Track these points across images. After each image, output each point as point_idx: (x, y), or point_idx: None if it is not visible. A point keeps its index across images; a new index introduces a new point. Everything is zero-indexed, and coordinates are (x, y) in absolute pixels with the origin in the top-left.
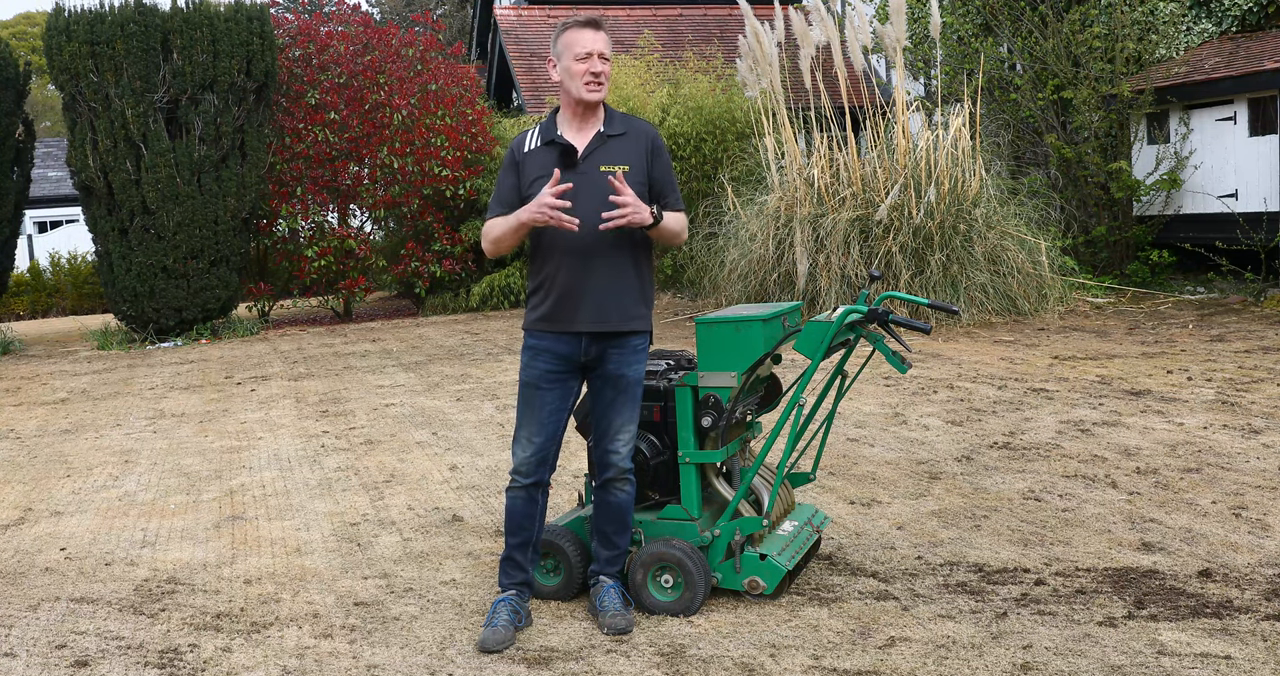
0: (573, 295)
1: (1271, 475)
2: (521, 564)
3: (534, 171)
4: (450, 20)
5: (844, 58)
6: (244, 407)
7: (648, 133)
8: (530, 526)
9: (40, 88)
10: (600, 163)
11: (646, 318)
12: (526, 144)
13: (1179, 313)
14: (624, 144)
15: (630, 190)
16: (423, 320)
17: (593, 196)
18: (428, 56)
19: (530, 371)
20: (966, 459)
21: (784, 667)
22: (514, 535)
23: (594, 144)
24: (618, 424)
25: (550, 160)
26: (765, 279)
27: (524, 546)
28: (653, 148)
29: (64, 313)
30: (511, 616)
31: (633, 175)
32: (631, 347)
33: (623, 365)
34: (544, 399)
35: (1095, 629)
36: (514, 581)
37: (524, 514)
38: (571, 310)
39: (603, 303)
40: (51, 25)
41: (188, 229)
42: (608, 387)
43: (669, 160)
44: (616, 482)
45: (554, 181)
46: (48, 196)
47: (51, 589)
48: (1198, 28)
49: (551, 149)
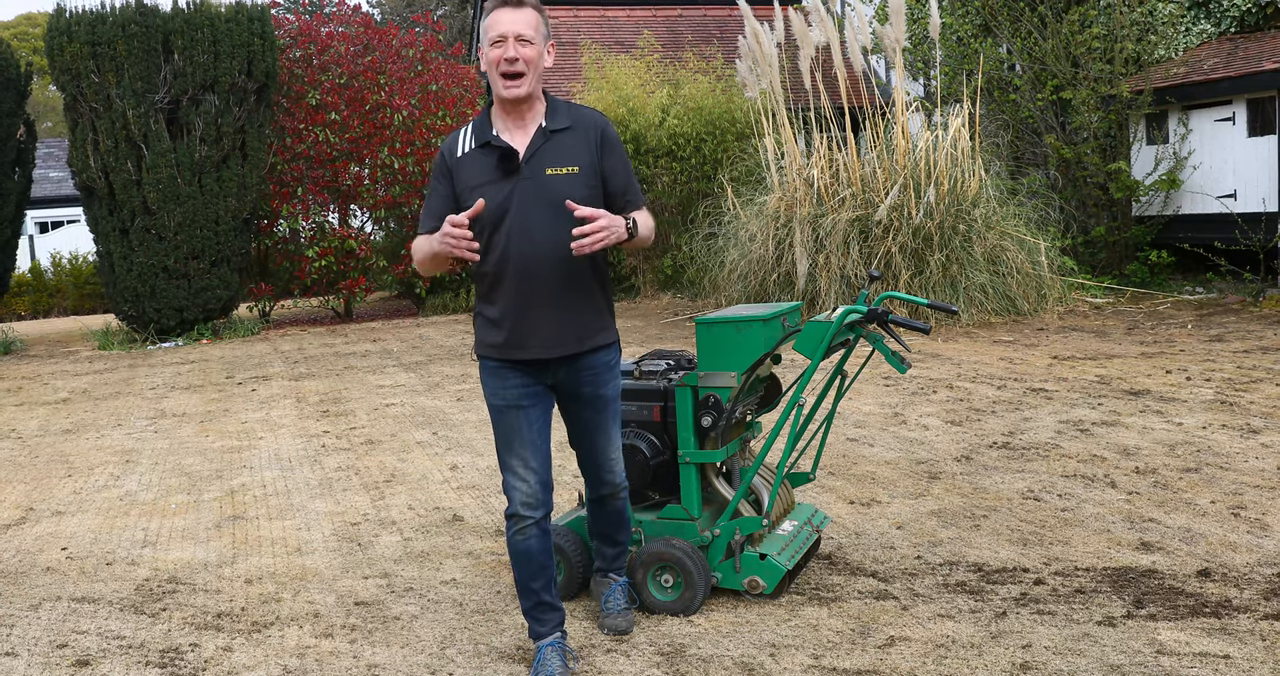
0: (527, 317)
1: (1270, 475)
2: (552, 604)
3: (469, 179)
4: (450, 21)
5: (844, 58)
6: (245, 407)
7: (596, 123)
8: (550, 563)
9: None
10: (546, 165)
11: (610, 328)
12: (459, 146)
13: (1178, 313)
14: (570, 139)
15: (599, 211)
16: (423, 320)
17: (541, 204)
18: (428, 57)
19: (504, 394)
20: (966, 459)
21: (784, 667)
22: (536, 578)
23: (536, 142)
24: (602, 444)
25: (487, 165)
26: (765, 279)
27: (549, 586)
28: (603, 140)
29: (65, 313)
30: (563, 661)
31: (583, 177)
32: (604, 365)
33: (598, 385)
34: (528, 417)
35: (1094, 628)
36: (552, 624)
37: (541, 551)
38: (527, 334)
39: (561, 323)
40: (53, 26)
41: (189, 229)
42: (585, 409)
43: (624, 151)
44: (611, 497)
45: (476, 209)
46: (49, 197)
47: (53, 588)
48: (1196, 28)
49: (488, 152)
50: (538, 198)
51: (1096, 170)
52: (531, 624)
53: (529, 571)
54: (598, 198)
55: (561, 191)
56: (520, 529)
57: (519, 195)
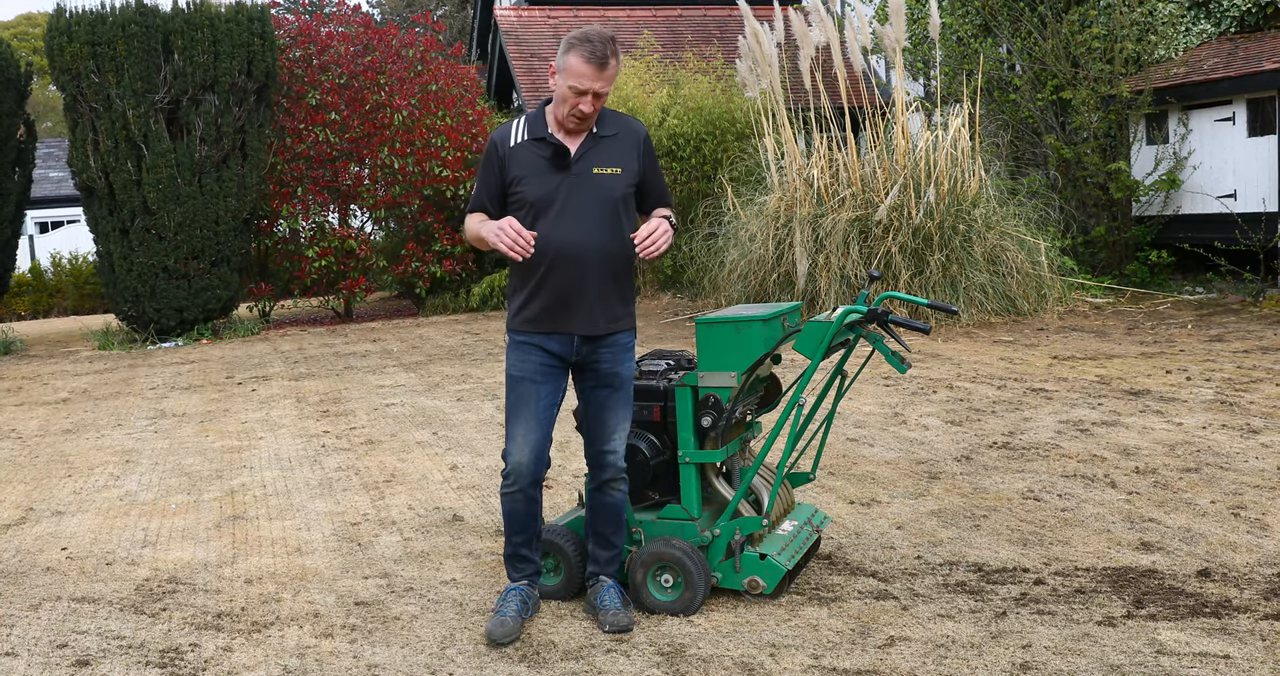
0: (565, 301)
1: (1270, 475)
2: (529, 557)
3: (519, 169)
4: (450, 21)
5: (844, 58)
6: (245, 407)
7: (639, 132)
8: (533, 524)
9: (41, 88)
10: (593, 164)
11: (631, 316)
12: (512, 137)
13: (1178, 313)
14: (615, 145)
15: (652, 225)
16: (423, 320)
17: (587, 198)
18: (428, 57)
19: (523, 366)
20: (966, 459)
21: (784, 667)
22: (518, 534)
23: (586, 145)
24: (613, 423)
25: (539, 158)
26: (765, 279)
27: (529, 542)
28: (645, 149)
29: (65, 313)
30: (520, 606)
31: (625, 178)
32: (622, 346)
33: (616, 363)
34: (540, 392)
35: (1094, 628)
36: (525, 573)
37: (526, 513)
38: (563, 315)
39: (594, 307)
40: (53, 26)
41: (189, 229)
42: (602, 386)
43: (656, 157)
44: (613, 483)
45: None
46: (49, 197)
47: (53, 588)
48: (1196, 28)
49: (540, 146)
50: (585, 192)
51: (1096, 170)
52: (508, 568)
53: (512, 526)
54: (633, 195)
55: (606, 188)
56: (509, 490)
57: (567, 188)
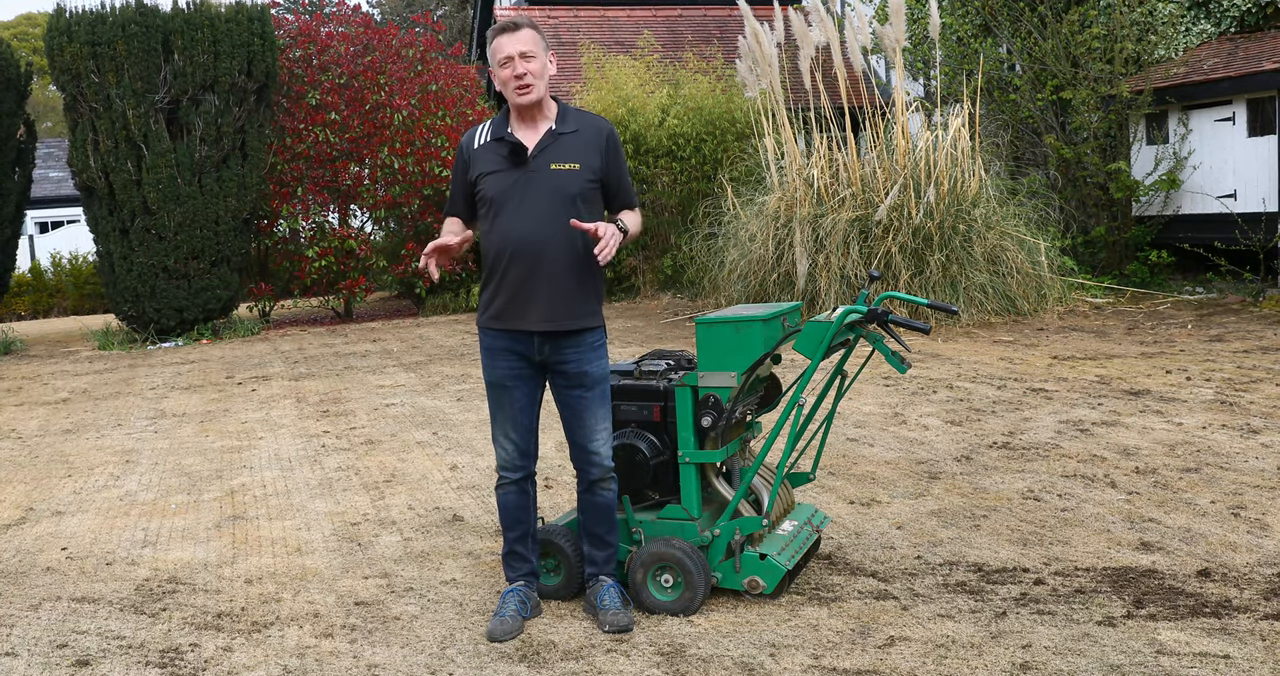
0: (523, 294)
1: (1270, 475)
2: (524, 555)
3: (482, 167)
4: (450, 21)
5: (844, 58)
6: (245, 407)
7: (601, 129)
8: (526, 519)
9: (41, 88)
10: (550, 160)
11: (597, 313)
12: (477, 139)
13: (1178, 313)
14: (576, 141)
15: (598, 224)
16: (423, 320)
17: (543, 193)
18: (428, 57)
19: (494, 371)
20: (966, 459)
21: (784, 667)
22: (512, 529)
23: (544, 141)
24: (592, 423)
25: (499, 156)
26: (765, 279)
27: (524, 538)
28: (609, 145)
29: (65, 313)
30: (519, 606)
31: (582, 174)
32: (588, 345)
33: (584, 363)
34: (512, 396)
35: (1094, 628)
36: (520, 573)
37: (518, 507)
38: (522, 308)
39: (552, 302)
40: (53, 26)
41: (189, 229)
42: (575, 387)
43: (624, 156)
44: (602, 483)
45: (466, 239)
46: (49, 197)
47: (53, 588)
48: (1196, 28)
49: (500, 145)
50: (541, 187)
51: (1096, 170)
52: (505, 569)
53: (505, 521)
54: (594, 192)
55: (562, 183)
56: (501, 484)
57: (523, 184)
